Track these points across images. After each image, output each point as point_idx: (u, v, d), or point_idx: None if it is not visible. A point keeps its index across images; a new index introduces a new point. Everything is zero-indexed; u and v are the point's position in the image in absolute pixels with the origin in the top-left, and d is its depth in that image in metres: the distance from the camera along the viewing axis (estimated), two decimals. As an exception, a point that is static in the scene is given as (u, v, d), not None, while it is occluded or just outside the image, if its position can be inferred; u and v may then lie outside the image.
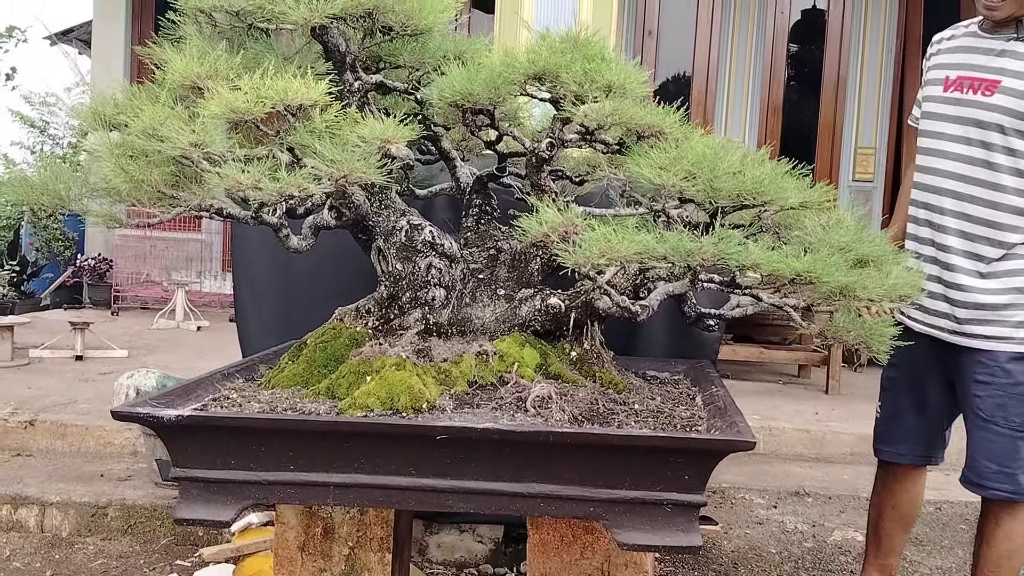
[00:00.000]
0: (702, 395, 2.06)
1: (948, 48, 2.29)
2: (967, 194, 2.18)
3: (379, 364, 1.87)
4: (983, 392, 2.15)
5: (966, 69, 2.20)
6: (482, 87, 1.70)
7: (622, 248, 1.52)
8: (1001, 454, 2.14)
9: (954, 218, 2.20)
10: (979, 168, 2.16)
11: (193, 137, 1.53)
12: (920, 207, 2.28)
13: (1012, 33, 2.13)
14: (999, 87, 2.12)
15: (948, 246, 2.20)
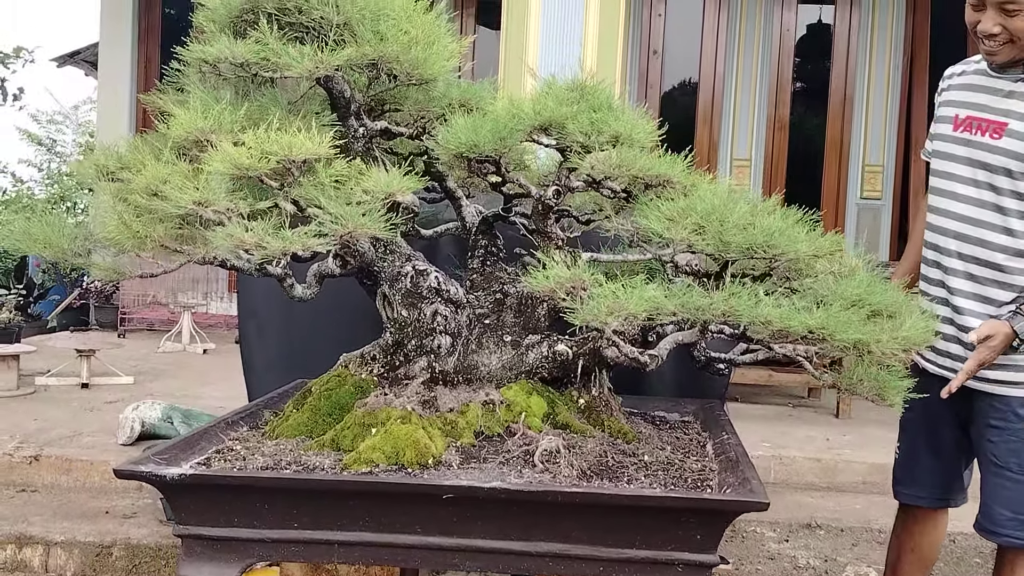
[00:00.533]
0: (713, 442, 2.03)
1: (958, 85, 2.25)
2: (975, 237, 2.14)
3: (384, 416, 1.84)
4: (996, 437, 2.11)
5: (975, 109, 2.16)
6: (487, 138, 1.68)
7: (630, 305, 1.50)
8: (1015, 500, 2.10)
9: (962, 261, 2.16)
10: (987, 211, 2.12)
11: (197, 195, 1.52)
12: (930, 248, 2.25)
13: (1020, 74, 2.09)
14: (1007, 130, 2.08)
15: (957, 289, 2.17)
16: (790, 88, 6.58)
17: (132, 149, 1.69)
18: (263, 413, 2.18)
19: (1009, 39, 2.01)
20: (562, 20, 2.81)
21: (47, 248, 1.75)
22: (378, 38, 1.74)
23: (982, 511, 2.17)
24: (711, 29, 6.58)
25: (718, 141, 6.59)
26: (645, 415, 2.30)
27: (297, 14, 1.74)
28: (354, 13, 1.73)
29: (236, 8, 1.78)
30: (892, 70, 6.49)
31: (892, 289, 1.75)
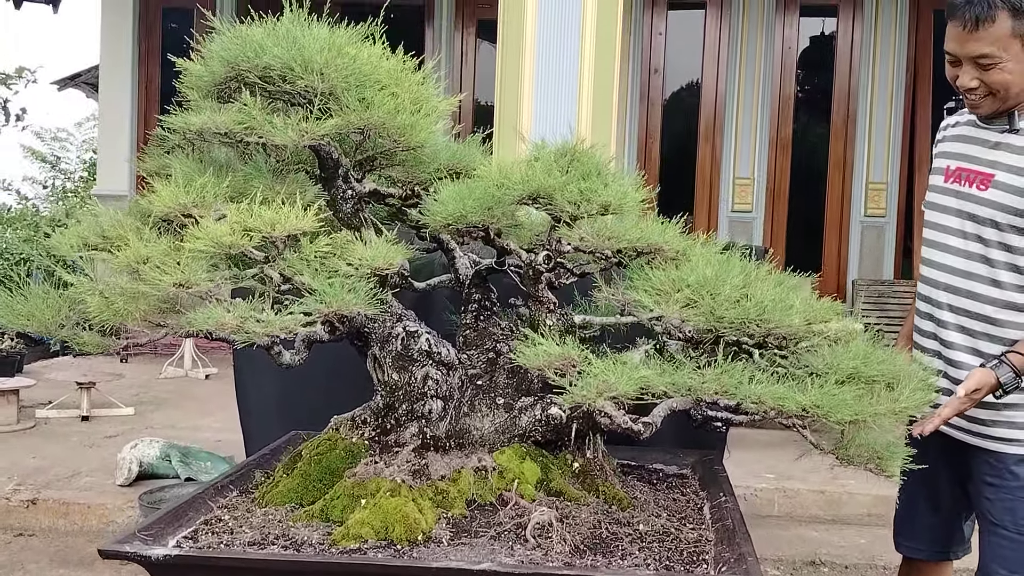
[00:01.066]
0: (710, 504, 2.00)
1: (951, 136, 2.21)
2: (965, 289, 2.10)
3: (374, 487, 1.81)
4: (992, 495, 2.07)
5: (964, 160, 2.12)
6: (475, 209, 1.65)
7: (620, 386, 1.47)
8: (1011, 560, 2.05)
9: (953, 313, 2.12)
10: (976, 263, 2.08)
11: (177, 277, 1.49)
12: (922, 300, 2.21)
13: (1005, 125, 2.04)
14: (993, 181, 2.03)
15: (950, 342, 2.12)
16: (792, 106, 6.55)
17: (114, 224, 1.66)
18: (254, 474, 2.15)
19: (988, 92, 1.98)
20: (556, 79, 2.78)
21: (31, 322, 1.73)
22: (364, 106, 1.72)
23: (980, 568, 2.12)
24: (712, 47, 6.55)
25: (720, 160, 6.56)
26: (643, 469, 2.27)
27: (281, 82, 1.72)
28: (339, 81, 1.71)
29: (220, 76, 1.75)
30: (895, 87, 6.45)
31: (890, 356, 1.72)
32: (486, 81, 7.23)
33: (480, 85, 7.21)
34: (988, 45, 1.91)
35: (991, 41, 1.91)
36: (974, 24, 1.91)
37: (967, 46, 1.94)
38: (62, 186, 12.65)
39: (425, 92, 1.89)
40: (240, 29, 1.76)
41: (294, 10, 1.81)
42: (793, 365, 1.73)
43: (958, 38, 1.96)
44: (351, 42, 1.80)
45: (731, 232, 6.61)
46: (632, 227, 1.66)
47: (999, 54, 1.91)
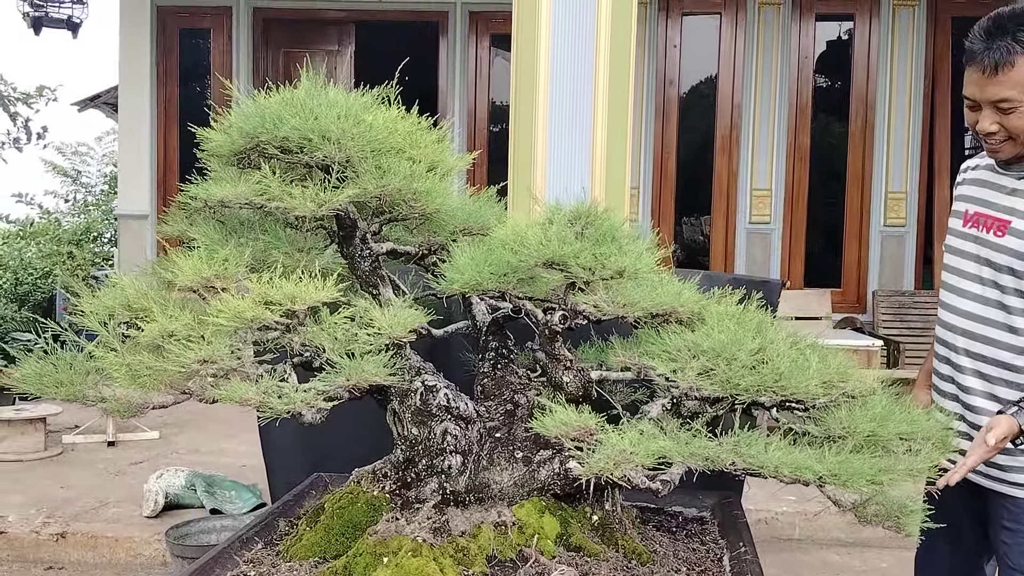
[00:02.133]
0: (730, 555, 2.01)
1: (971, 179, 2.22)
2: (982, 335, 2.09)
3: (396, 545, 1.84)
4: (1009, 539, 2.07)
5: (981, 205, 2.13)
6: (491, 277, 1.67)
7: (637, 457, 1.49)
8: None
9: (969, 359, 2.12)
10: (992, 309, 2.08)
11: (202, 353, 1.53)
12: (940, 344, 2.21)
13: (1022, 172, 2.05)
14: (1009, 228, 2.03)
15: (968, 387, 2.13)
16: (809, 115, 6.52)
17: (139, 296, 1.70)
18: (278, 523, 2.19)
19: (1008, 136, 1.97)
20: (570, 128, 2.80)
21: (61, 390, 1.77)
22: (380, 173, 1.74)
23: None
24: (727, 58, 6.54)
25: (737, 171, 6.55)
26: (662, 513, 2.28)
27: (300, 152, 1.75)
28: (355, 151, 1.74)
29: (239, 146, 1.78)
30: (913, 95, 6.41)
31: (907, 414, 1.72)
32: (501, 87, 7.27)
33: (495, 91, 7.25)
34: (1008, 89, 1.91)
35: (1011, 85, 1.91)
36: (993, 69, 1.91)
37: (987, 90, 1.94)
38: (83, 199, 12.83)
39: (440, 152, 1.92)
40: (259, 100, 1.79)
41: (311, 78, 1.84)
42: (811, 422, 1.75)
43: (978, 83, 1.96)
44: (366, 108, 1.83)
45: (749, 244, 6.60)
46: (647, 291, 1.67)
47: (1019, 98, 1.91)
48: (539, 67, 3.01)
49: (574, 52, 2.83)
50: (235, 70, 7.23)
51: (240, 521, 3.34)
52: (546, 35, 2.88)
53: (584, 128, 2.81)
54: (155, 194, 7.34)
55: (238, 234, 1.83)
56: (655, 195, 6.59)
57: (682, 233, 6.81)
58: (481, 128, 7.09)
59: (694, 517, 2.31)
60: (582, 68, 2.99)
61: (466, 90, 7.14)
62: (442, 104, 7.21)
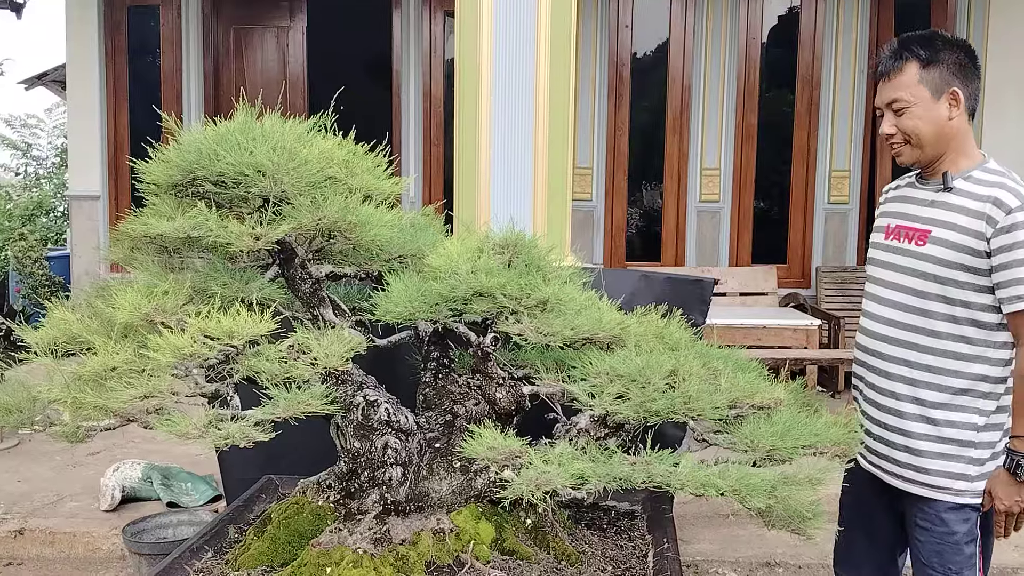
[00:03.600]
0: (654, 551, 2.15)
1: (892, 198, 2.36)
2: (907, 341, 2.21)
3: (339, 556, 1.95)
4: (922, 537, 2.22)
5: (902, 218, 2.26)
6: (423, 308, 1.76)
7: (557, 480, 1.60)
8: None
9: (896, 364, 2.23)
10: (916, 316, 2.20)
11: (143, 390, 1.60)
12: (865, 352, 2.33)
13: (940, 184, 2.18)
14: (930, 236, 2.17)
15: (894, 392, 2.24)
16: (757, 96, 6.63)
17: (82, 328, 1.77)
18: (228, 531, 2.29)
19: (905, 140, 2.15)
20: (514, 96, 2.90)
21: (11, 417, 1.84)
22: (315, 206, 1.82)
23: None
24: (678, 39, 6.61)
25: (687, 151, 6.65)
26: (596, 508, 2.41)
27: (235, 187, 1.81)
28: (290, 185, 1.81)
29: (177, 179, 1.84)
30: (857, 75, 6.55)
31: (810, 425, 1.85)
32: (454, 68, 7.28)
33: (451, 67, 7.25)
34: (899, 91, 2.12)
35: (900, 87, 2.12)
36: (886, 75, 2.15)
37: (883, 94, 2.17)
38: (34, 173, 12.61)
39: (376, 180, 1.99)
40: (194, 135, 1.85)
41: (247, 112, 1.90)
42: (720, 435, 1.88)
43: (880, 90, 2.18)
44: (301, 139, 1.89)
45: (699, 222, 6.74)
46: (570, 319, 1.77)
47: (909, 99, 2.11)
48: (481, 71, 3.08)
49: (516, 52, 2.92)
50: (185, 47, 7.15)
51: (195, 515, 3.43)
52: (488, 36, 2.95)
53: (526, 139, 2.90)
54: (106, 174, 7.27)
55: (177, 265, 1.89)
56: (608, 174, 6.68)
57: (635, 212, 6.92)
58: (436, 106, 7.11)
59: (626, 512, 2.44)
60: (524, 69, 3.07)
61: (420, 66, 7.14)
62: (396, 81, 7.21)
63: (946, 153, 2.16)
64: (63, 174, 12.27)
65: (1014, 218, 2.04)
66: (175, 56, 7.18)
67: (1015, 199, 2.06)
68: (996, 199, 2.07)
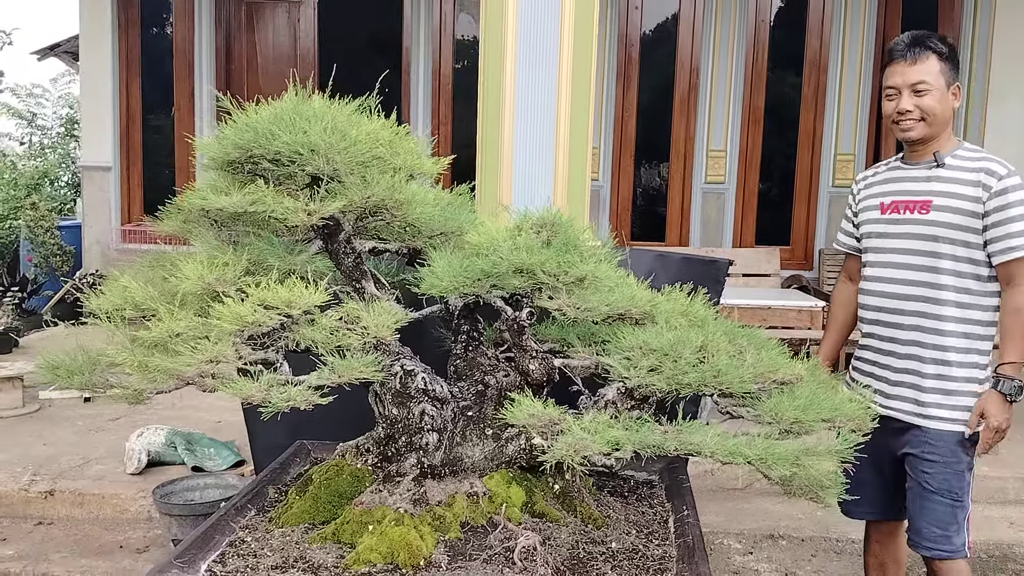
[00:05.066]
0: (674, 517, 2.26)
1: (876, 182, 2.65)
2: (919, 295, 2.51)
3: (380, 514, 2.07)
4: (932, 470, 2.47)
5: (898, 195, 2.56)
6: (466, 283, 1.87)
7: (594, 446, 1.71)
8: (944, 521, 2.49)
9: (911, 317, 2.51)
10: (926, 273, 2.50)
11: (208, 355, 1.71)
12: (878, 311, 2.57)
13: (932, 163, 2.50)
14: (932, 205, 2.49)
15: (910, 340, 2.51)
16: (764, 79, 6.71)
17: (145, 297, 1.87)
18: (267, 491, 2.40)
19: (920, 117, 2.45)
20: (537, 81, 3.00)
21: (75, 379, 1.95)
22: (364, 184, 1.91)
23: (914, 530, 2.54)
24: (687, 21, 6.67)
25: (694, 133, 6.74)
26: (615, 477, 2.53)
27: (290, 164, 1.91)
28: (342, 163, 1.90)
29: (233, 157, 1.94)
30: (864, 59, 6.63)
31: (830, 399, 1.97)
32: (466, 45, 7.34)
33: (460, 48, 7.31)
34: (925, 75, 2.42)
35: (927, 73, 2.43)
36: (913, 59, 2.43)
37: (907, 76, 2.45)
38: (39, 143, 12.64)
39: (418, 159, 2.09)
40: (251, 116, 1.94)
41: (298, 93, 1.99)
42: (745, 408, 2.00)
43: (900, 72, 2.46)
44: (350, 120, 1.99)
45: (704, 203, 6.83)
46: (605, 295, 1.88)
47: (932, 83, 2.43)
48: (506, 53, 3.16)
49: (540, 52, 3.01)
50: (198, 20, 7.19)
51: (222, 479, 3.54)
52: (512, 36, 3.04)
53: (548, 127, 3.00)
54: (118, 145, 7.34)
55: (232, 238, 1.99)
56: (615, 155, 6.77)
57: (641, 193, 7.01)
58: (445, 84, 7.17)
59: (644, 481, 2.57)
60: (548, 51, 3.16)
61: (430, 44, 7.20)
62: (406, 58, 7.26)
63: (939, 137, 2.50)
64: (68, 144, 12.32)
65: (1004, 183, 2.41)
66: (187, 29, 7.22)
67: (1003, 168, 2.44)
68: (987, 169, 2.43)
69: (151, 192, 7.45)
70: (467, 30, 7.28)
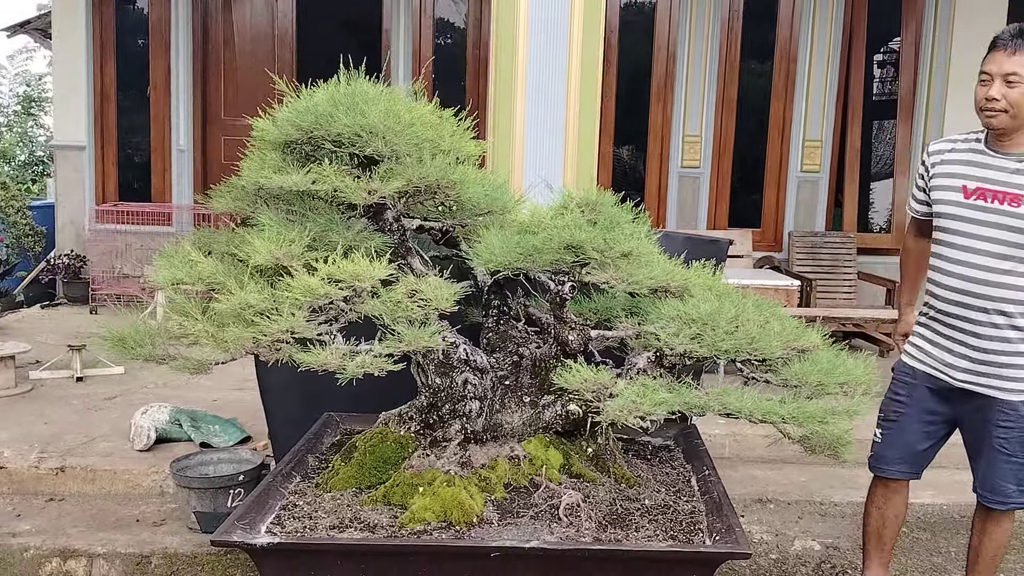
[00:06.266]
0: (696, 477, 2.43)
1: (954, 160, 2.72)
2: (1001, 282, 2.63)
3: (430, 477, 2.20)
4: (1005, 435, 2.68)
5: (985, 182, 2.64)
6: (519, 258, 2.00)
7: (645, 406, 1.86)
8: (1018, 478, 2.73)
9: (996, 302, 2.64)
10: (1011, 263, 2.62)
11: (286, 325, 1.81)
12: (959, 293, 2.70)
13: (1022, 154, 2.59)
14: (1023, 200, 2.58)
15: (993, 322, 2.65)
16: (738, 67, 6.91)
17: (214, 271, 1.96)
18: (307, 459, 2.51)
19: (1005, 108, 2.55)
20: None
21: (141, 350, 2.04)
22: (420, 165, 2.03)
23: (989, 489, 2.76)
24: (664, 8, 6.84)
25: (671, 118, 6.92)
26: (634, 442, 2.70)
27: (350, 146, 2.01)
28: (400, 145, 2.01)
29: (292, 137, 2.04)
30: (832, 49, 6.86)
31: (845, 366, 2.15)
32: (446, 27, 7.41)
33: (440, 29, 7.39)
34: (1019, 67, 2.51)
35: (1021, 64, 2.51)
36: (1013, 50, 2.52)
37: (1003, 66, 2.54)
38: (-5, 121, 12.37)
39: (462, 142, 2.21)
40: (309, 99, 2.03)
41: (351, 76, 2.10)
42: (770, 373, 2.16)
43: (998, 61, 2.55)
44: (405, 106, 2.10)
45: (680, 187, 7.03)
46: (647, 269, 2.03)
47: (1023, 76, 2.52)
48: (518, 39, 3.28)
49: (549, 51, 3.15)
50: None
51: (235, 453, 3.63)
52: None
53: (558, 118, 3.14)
54: (92, 124, 7.27)
55: (293, 216, 2.09)
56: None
57: (618, 176, 7.18)
58: (426, 67, 7.24)
59: (661, 446, 2.74)
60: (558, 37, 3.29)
61: (410, 25, 7.25)
62: (385, 40, 7.31)
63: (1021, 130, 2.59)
64: (25, 123, 12.08)
65: None
66: (163, 7, 7.17)
67: None
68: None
69: (126, 171, 7.40)
70: (447, 12, 7.35)
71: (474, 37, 7.21)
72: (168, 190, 7.32)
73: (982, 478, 2.79)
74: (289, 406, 3.35)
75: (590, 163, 3.19)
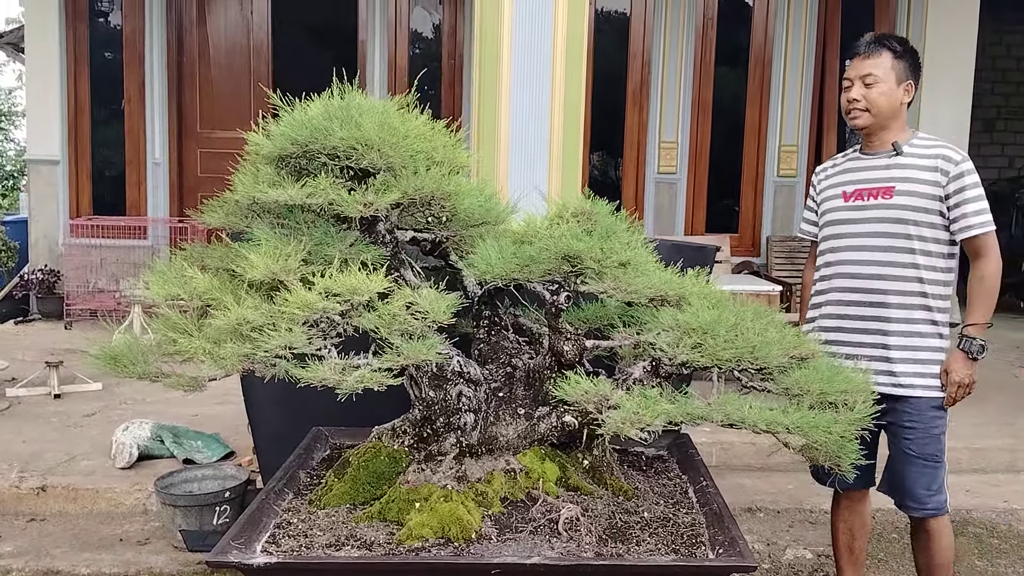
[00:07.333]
0: (694, 488, 2.42)
1: (836, 172, 2.87)
2: (886, 274, 2.71)
3: (426, 492, 2.17)
4: (912, 436, 2.70)
5: (860, 183, 2.77)
6: (518, 270, 1.98)
7: (646, 418, 1.85)
8: (931, 482, 2.72)
9: (884, 295, 2.71)
10: (898, 254, 2.70)
11: (284, 341, 1.78)
12: (849, 292, 2.77)
13: (891, 152, 2.72)
14: (895, 191, 2.70)
15: (889, 317, 2.71)
16: (713, 72, 6.95)
17: (211, 287, 1.92)
18: (299, 475, 2.47)
19: (866, 108, 2.70)
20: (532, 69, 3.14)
21: (135, 368, 1.99)
22: (416, 177, 2.01)
23: (904, 494, 2.75)
24: (639, 15, 6.87)
25: (647, 124, 6.95)
26: (627, 453, 2.68)
27: (346, 159, 1.99)
28: (395, 158, 1.99)
29: (287, 151, 2.01)
30: (806, 55, 6.93)
31: (844, 376, 2.15)
32: (420, 38, 7.39)
33: (415, 39, 7.36)
34: (875, 69, 2.68)
35: (877, 67, 2.68)
36: (867, 54, 2.69)
37: (859, 69, 2.71)
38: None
39: (456, 153, 2.19)
40: (304, 113, 2.01)
41: (345, 89, 2.07)
42: (769, 382, 2.16)
43: (855, 66, 2.73)
44: (399, 118, 2.08)
45: (657, 193, 7.06)
46: (645, 279, 2.02)
47: (880, 77, 2.68)
48: (502, 46, 3.27)
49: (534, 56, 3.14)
50: (148, 10, 7.06)
51: (219, 470, 3.57)
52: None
53: (542, 114, 3.13)
54: (66, 138, 7.16)
55: (285, 230, 2.06)
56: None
57: (595, 182, 7.19)
58: (401, 77, 7.21)
59: (655, 456, 2.72)
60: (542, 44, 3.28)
61: (386, 36, 7.22)
62: (361, 50, 7.28)
63: (890, 128, 2.72)
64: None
65: (960, 168, 2.63)
66: (137, 19, 7.09)
67: (957, 155, 2.66)
68: (944, 156, 2.65)
69: (100, 185, 7.30)
70: (422, 23, 7.34)
71: (448, 47, 7.20)
72: (143, 203, 7.23)
73: (895, 484, 2.79)
74: (275, 420, 3.30)
75: (575, 173, 3.19)
